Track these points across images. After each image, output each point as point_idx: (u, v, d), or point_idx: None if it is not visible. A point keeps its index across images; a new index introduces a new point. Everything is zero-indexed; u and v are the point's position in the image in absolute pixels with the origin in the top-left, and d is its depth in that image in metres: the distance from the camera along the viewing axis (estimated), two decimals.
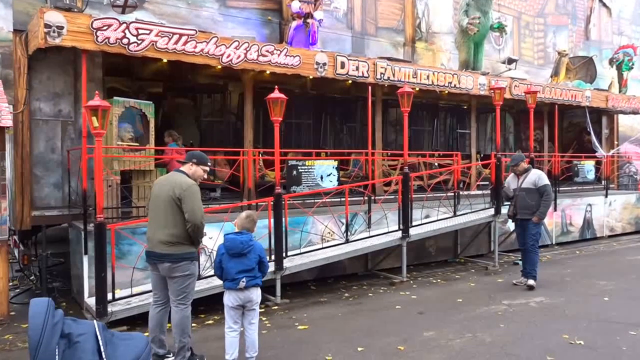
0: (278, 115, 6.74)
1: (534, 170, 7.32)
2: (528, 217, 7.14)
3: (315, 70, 8.14)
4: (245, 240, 4.39)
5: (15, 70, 7.04)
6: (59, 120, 7.39)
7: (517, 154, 7.43)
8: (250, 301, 4.46)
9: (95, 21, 6.23)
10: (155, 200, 4.45)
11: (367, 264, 9.04)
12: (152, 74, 9.33)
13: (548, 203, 7.04)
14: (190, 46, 6.94)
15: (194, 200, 4.31)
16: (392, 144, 13.48)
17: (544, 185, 7.03)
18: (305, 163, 8.26)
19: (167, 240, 4.34)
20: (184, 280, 4.42)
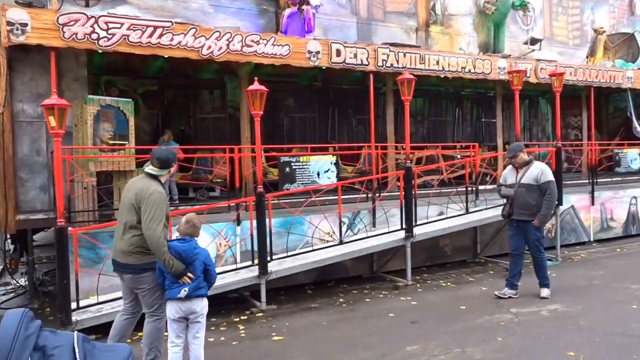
0: (258, 109, 6.32)
1: (537, 163, 6.33)
2: (526, 219, 6.15)
3: (307, 59, 7.67)
4: (186, 248, 4.02)
5: None
6: (43, 122, 7.22)
7: (515, 144, 6.54)
8: (194, 313, 4.09)
9: (61, 16, 6.02)
10: (121, 206, 4.15)
11: (373, 265, 8.48)
12: (153, 71, 9.15)
13: (551, 203, 5.97)
14: (167, 39, 6.63)
15: (152, 208, 3.87)
16: (412, 136, 12.79)
17: (547, 182, 6.03)
18: (299, 159, 7.79)
19: (127, 250, 4.02)
20: (151, 292, 4.09)
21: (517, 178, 6.25)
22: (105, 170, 6.76)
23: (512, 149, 6.31)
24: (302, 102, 10.65)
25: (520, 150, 6.24)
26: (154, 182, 4.10)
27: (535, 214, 6.06)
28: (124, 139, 6.91)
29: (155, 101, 10.11)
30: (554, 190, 6.09)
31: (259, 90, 6.28)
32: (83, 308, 5.69)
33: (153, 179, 4.12)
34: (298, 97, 10.72)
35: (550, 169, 6.35)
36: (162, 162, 4.16)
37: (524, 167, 6.23)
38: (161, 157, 4.16)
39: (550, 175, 6.13)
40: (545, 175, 6.07)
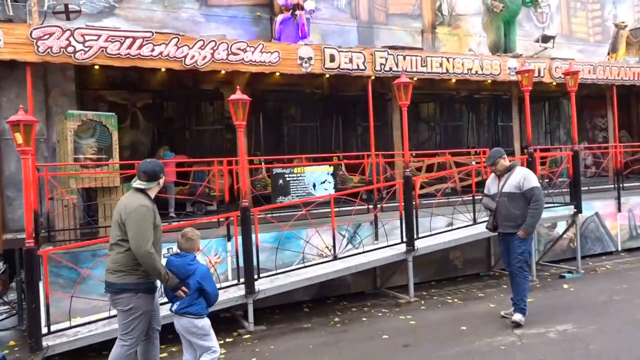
0: (241, 119, 6.03)
1: (519, 168, 5.67)
2: (511, 231, 5.57)
3: (299, 66, 7.34)
4: (181, 264, 3.92)
5: None
6: None
7: (495, 149, 5.94)
8: (187, 331, 3.96)
9: (35, 30, 5.88)
10: (113, 222, 3.98)
11: (376, 280, 8.02)
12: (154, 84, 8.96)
13: (537, 212, 5.33)
14: (147, 50, 6.43)
15: (136, 225, 3.71)
16: (425, 143, 12.33)
17: (530, 189, 5.33)
18: (293, 170, 7.44)
19: (112, 268, 3.87)
20: (125, 315, 3.86)
21: (499, 186, 5.67)
22: (88, 186, 6.53)
23: (491, 155, 5.71)
24: (304, 111, 10.35)
25: (500, 156, 5.63)
26: (140, 195, 3.92)
27: (520, 225, 5.45)
28: (108, 154, 6.69)
29: (155, 114, 9.96)
30: (540, 197, 5.40)
31: (240, 99, 6.00)
32: (57, 332, 5.45)
33: (140, 193, 3.94)
34: (300, 106, 10.42)
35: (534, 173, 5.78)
36: (148, 175, 3.97)
37: (507, 174, 5.65)
38: (147, 170, 3.98)
39: (533, 180, 5.48)
40: (528, 181, 5.43)
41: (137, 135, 9.90)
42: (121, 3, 7.65)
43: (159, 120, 9.96)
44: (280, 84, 9.43)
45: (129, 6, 7.72)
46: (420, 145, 12.25)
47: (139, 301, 3.86)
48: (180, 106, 9.93)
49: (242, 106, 6.02)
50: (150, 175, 3.95)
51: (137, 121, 9.93)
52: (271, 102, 10.31)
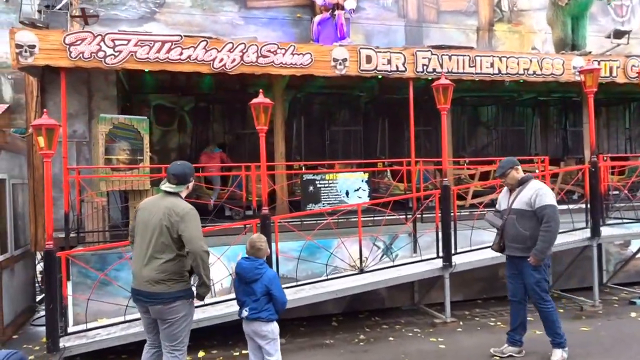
0: (263, 124, 5.85)
1: (533, 182, 4.82)
2: (520, 255, 4.80)
3: (332, 68, 7.04)
4: (249, 267, 4.07)
5: (27, 94, 7.23)
6: (73, 142, 7.38)
7: (506, 159, 5.14)
8: (257, 335, 4.09)
9: (68, 36, 6.04)
10: (143, 229, 3.79)
11: (414, 296, 7.53)
12: (203, 87, 9.06)
13: (549, 235, 4.56)
14: (175, 53, 6.41)
15: (195, 226, 3.67)
16: (485, 149, 11.54)
17: (543, 207, 4.58)
18: (325, 177, 7.14)
19: (158, 278, 3.68)
20: (178, 323, 3.75)
21: (509, 202, 4.92)
22: (118, 189, 6.64)
23: (501, 165, 4.93)
24: (349, 115, 10.06)
25: (511, 167, 4.85)
26: (178, 199, 3.82)
27: (530, 249, 4.67)
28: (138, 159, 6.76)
29: (202, 117, 10.07)
30: (554, 218, 4.58)
31: (262, 103, 5.80)
32: (79, 332, 5.55)
33: (173, 197, 3.82)
34: (346, 109, 10.13)
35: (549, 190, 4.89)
36: (178, 178, 3.87)
37: (518, 188, 4.86)
38: (177, 173, 3.89)
39: (548, 197, 4.66)
40: (541, 198, 4.64)
41: (184, 137, 10.07)
42: (161, 8, 7.76)
43: (205, 123, 10.06)
44: (327, 86, 9.24)
45: (169, 11, 7.81)
46: (480, 151, 11.49)
47: (190, 308, 3.84)
48: (226, 109, 9.97)
49: (264, 110, 5.83)
50: (180, 178, 3.84)
51: (184, 124, 10.09)
52: (316, 104, 10.10)
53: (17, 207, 7.08)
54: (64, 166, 6.35)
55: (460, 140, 11.10)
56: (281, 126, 8.28)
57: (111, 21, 7.54)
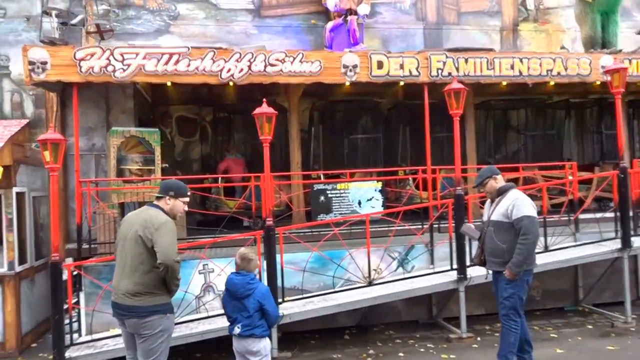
0: (267, 134, 5.78)
1: (512, 192, 4.52)
2: (498, 269, 4.48)
3: (343, 75, 6.91)
4: (240, 282, 3.96)
5: (47, 109, 7.46)
6: (92, 155, 7.58)
7: (486, 167, 4.72)
8: (250, 352, 3.96)
9: (79, 52, 6.18)
10: (122, 242, 3.82)
11: (432, 309, 7.23)
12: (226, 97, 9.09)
13: (525, 247, 4.24)
14: (183, 65, 6.45)
15: (168, 236, 3.63)
16: (516, 155, 11.05)
17: (519, 218, 4.28)
18: (336, 186, 6.99)
19: (135, 291, 3.65)
20: (154, 338, 3.68)
21: (489, 213, 4.62)
22: (130, 201, 6.71)
23: (480, 174, 4.61)
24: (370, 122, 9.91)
25: (489, 176, 4.55)
26: (159, 211, 3.80)
27: (507, 263, 4.37)
28: (150, 169, 6.82)
29: (223, 128, 10.13)
30: (531, 230, 4.26)
31: (265, 113, 5.73)
32: (84, 343, 5.61)
33: (155, 209, 3.82)
34: (366, 116, 9.98)
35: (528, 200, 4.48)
36: (161, 188, 3.95)
37: (497, 199, 4.54)
38: (162, 183, 4.06)
39: (526, 208, 4.34)
40: (518, 209, 4.31)
41: (206, 148, 10.14)
42: (175, 20, 7.85)
43: (226, 133, 10.11)
44: (349, 93, 9.11)
45: (183, 23, 7.90)
46: (511, 157, 11.01)
47: (167, 322, 3.76)
48: (247, 119, 9.95)
49: (267, 120, 5.75)
50: (161, 188, 3.93)
51: (206, 135, 10.17)
52: (338, 112, 9.98)
53: (38, 219, 7.28)
54: (76, 179, 6.48)
55: (487, 146, 10.68)
56: (297, 135, 8.18)
57: (128, 35, 7.69)
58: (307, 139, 9.72)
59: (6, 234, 6.36)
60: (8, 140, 6.37)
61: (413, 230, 6.67)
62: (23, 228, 6.78)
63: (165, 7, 7.83)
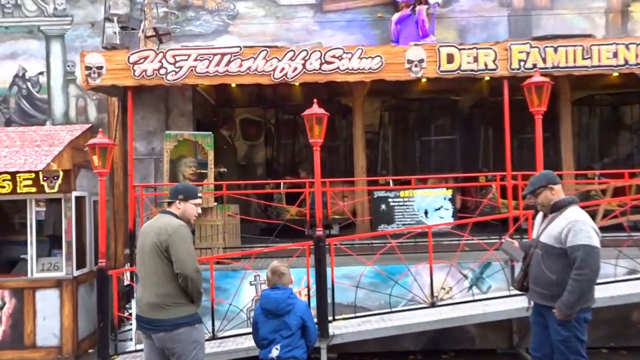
0: (317, 137, 5.73)
1: (572, 210, 3.84)
2: (544, 304, 3.83)
3: (407, 71, 6.68)
4: (280, 297, 3.94)
5: (109, 113, 7.97)
6: (152, 159, 7.96)
7: (539, 174, 3.99)
8: None
9: (132, 55, 6.52)
10: (140, 252, 3.96)
11: (512, 337, 6.72)
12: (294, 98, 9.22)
13: (579, 286, 3.61)
14: (235, 65, 6.60)
15: (183, 246, 3.74)
16: (630, 159, 10.03)
17: (575, 247, 3.65)
18: (399, 194, 6.75)
19: (157, 303, 3.70)
20: (187, 352, 3.75)
21: (539, 230, 3.99)
22: None
23: (533, 181, 3.94)
24: (447, 122, 9.59)
25: (544, 185, 3.89)
26: (172, 217, 3.92)
27: (556, 297, 3.71)
28: (203, 174, 7.02)
29: (289, 130, 10.23)
30: (589, 263, 3.59)
31: (314, 114, 5.68)
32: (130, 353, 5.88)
33: (169, 215, 3.94)
34: (441, 116, 9.62)
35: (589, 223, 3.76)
36: (170, 192, 4.07)
37: (551, 215, 3.90)
38: (171, 188, 4.12)
39: (584, 234, 3.65)
40: (575, 234, 3.65)
41: (270, 151, 10.29)
42: (234, 20, 8.04)
43: (291, 136, 10.20)
44: (424, 90, 8.85)
45: (242, 22, 8.06)
46: (623, 161, 10.02)
47: (197, 334, 3.83)
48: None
49: (317, 122, 5.69)
50: (171, 192, 4.01)
51: (271, 137, 10.32)
52: (411, 111, 9.72)
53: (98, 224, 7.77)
54: (130, 184, 6.84)
55: (590, 148, 9.83)
56: (362, 137, 8.07)
57: (186, 37, 8.00)
58: (376, 141, 9.54)
59: (65, 238, 6.84)
60: (68, 144, 6.87)
61: (485, 244, 6.24)
62: (83, 232, 7.28)
63: (224, 6, 8.05)
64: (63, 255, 6.83)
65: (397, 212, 6.76)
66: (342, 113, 9.40)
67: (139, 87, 6.86)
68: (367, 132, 9.76)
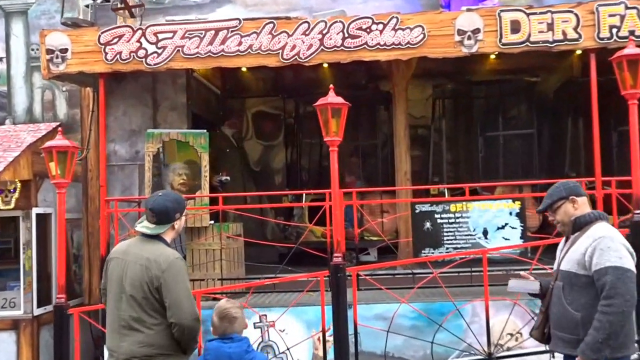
0: (334, 134, 5.72)
1: (598, 227, 3.62)
2: (568, 352, 3.62)
3: (457, 44, 6.58)
4: (235, 352, 3.80)
5: (82, 108, 8.18)
6: (136, 165, 8.11)
7: (559, 183, 3.66)
8: None
9: (104, 34, 6.70)
10: (117, 287, 3.81)
11: None
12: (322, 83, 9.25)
13: (609, 320, 3.39)
14: (233, 44, 6.68)
15: (180, 286, 3.69)
16: None
17: (601, 270, 3.42)
18: (448, 207, 6.63)
19: (142, 354, 3.65)
20: None
21: (560, 256, 3.66)
22: None
23: (550, 193, 3.61)
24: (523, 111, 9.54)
25: (564, 197, 3.70)
26: (160, 244, 3.78)
27: (580, 341, 3.51)
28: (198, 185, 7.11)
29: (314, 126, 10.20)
30: (620, 290, 3.40)
31: (329, 104, 5.67)
32: None
33: (156, 241, 3.94)
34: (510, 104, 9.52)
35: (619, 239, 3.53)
36: (158, 215, 3.79)
37: (574, 236, 3.56)
38: (156, 208, 3.80)
39: (613, 253, 3.47)
40: (601, 254, 3.47)
41: (293, 154, 10.29)
42: None
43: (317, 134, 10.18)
44: (490, 71, 8.75)
45: None
46: None
47: None
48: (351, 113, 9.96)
49: (334, 114, 5.66)
50: (161, 215, 3.76)
51: (293, 136, 10.32)
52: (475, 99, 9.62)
53: (70, 248, 7.97)
54: (101, 197, 6.96)
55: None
56: (405, 134, 7.96)
57: (178, 9, 8.11)
58: (426, 138, 9.45)
59: (23, 267, 7.04)
60: (27, 148, 7.09)
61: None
62: (47, 260, 7.48)
63: None
64: (21, 289, 7.02)
65: (446, 232, 6.66)
66: (385, 102, 9.35)
67: (114, 74, 7.00)
68: (415, 127, 9.71)
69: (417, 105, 9.29)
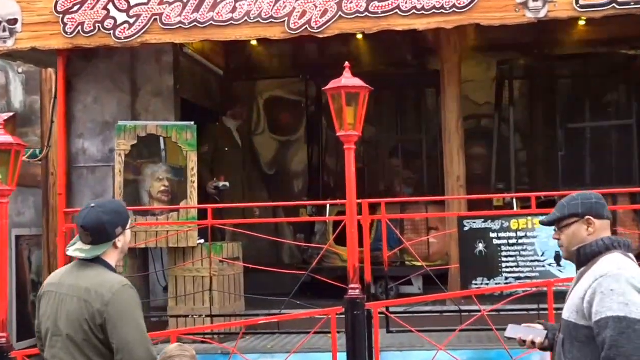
0: (349, 127, 5.69)
1: (610, 258, 3.43)
2: None
3: (518, 7, 6.53)
4: None
5: (43, 94, 8.33)
6: (110, 167, 8.22)
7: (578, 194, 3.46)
8: None
9: (62, 0, 6.76)
10: (53, 327, 3.79)
11: None
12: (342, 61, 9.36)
13: None
14: (226, 11, 6.75)
15: (129, 322, 3.72)
16: None
17: (600, 321, 3.26)
18: (508, 224, 6.54)
19: None
20: None
21: (567, 298, 3.50)
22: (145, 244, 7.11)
23: (562, 203, 3.45)
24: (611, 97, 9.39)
25: (578, 214, 3.33)
26: (104, 270, 3.97)
27: None
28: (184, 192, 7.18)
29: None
30: (624, 349, 3.20)
31: (343, 88, 5.64)
32: None
33: (96, 266, 4.00)
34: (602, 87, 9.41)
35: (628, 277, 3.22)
36: (92, 233, 3.95)
37: (581, 270, 3.35)
38: (88, 225, 3.92)
39: (617, 298, 3.25)
40: (602, 300, 3.06)
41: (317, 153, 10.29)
42: None
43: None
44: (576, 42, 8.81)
45: None
46: None
47: None
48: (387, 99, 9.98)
49: (349, 102, 5.63)
50: (95, 232, 3.71)
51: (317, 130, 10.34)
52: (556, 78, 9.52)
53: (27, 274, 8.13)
54: (59, 208, 7.07)
55: None
56: (457, 127, 7.93)
57: None
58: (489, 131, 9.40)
59: None
60: None
61: None
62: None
63: None
64: None
65: (504, 256, 6.57)
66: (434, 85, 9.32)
67: (76, 50, 7.09)
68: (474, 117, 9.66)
69: (477, 88, 9.26)
